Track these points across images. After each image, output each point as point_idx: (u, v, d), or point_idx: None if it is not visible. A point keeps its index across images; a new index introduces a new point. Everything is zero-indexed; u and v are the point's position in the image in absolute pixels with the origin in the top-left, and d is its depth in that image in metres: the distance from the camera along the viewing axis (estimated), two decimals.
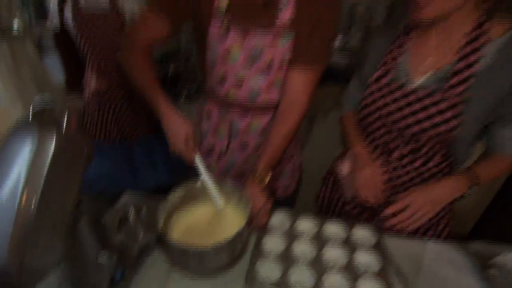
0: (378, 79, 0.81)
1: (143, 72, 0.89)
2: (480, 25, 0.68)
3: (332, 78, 1.52)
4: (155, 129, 1.77)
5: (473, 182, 0.74)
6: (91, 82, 1.55)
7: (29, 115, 0.61)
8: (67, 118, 0.59)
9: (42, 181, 0.54)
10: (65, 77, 1.64)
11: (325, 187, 1.10)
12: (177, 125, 0.85)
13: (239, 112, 0.99)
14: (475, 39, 0.68)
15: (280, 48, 0.87)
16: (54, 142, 0.55)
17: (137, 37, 0.88)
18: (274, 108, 0.99)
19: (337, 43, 3.87)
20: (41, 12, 1.60)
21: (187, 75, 2.01)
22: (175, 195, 0.78)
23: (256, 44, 0.86)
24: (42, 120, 0.59)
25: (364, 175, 0.84)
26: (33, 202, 0.51)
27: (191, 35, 1.05)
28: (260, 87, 0.94)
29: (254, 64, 0.90)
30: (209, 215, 0.80)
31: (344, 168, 0.93)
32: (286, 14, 0.84)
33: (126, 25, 1.51)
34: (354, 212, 0.98)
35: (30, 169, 0.54)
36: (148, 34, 0.88)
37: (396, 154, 0.81)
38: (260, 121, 1.01)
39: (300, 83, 0.91)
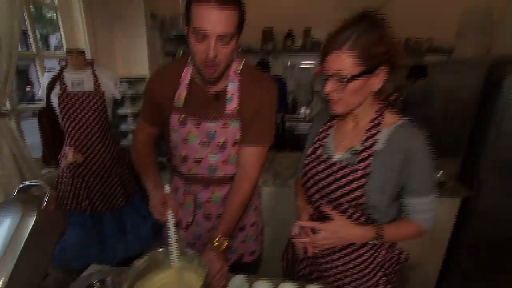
0: (312, 152, 1.00)
1: (142, 159, 1.12)
2: (378, 116, 0.88)
3: (298, 146, 1.71)
4: (126, 201, 1.84)
5: (378, 236, 0.88)
6: (68, 155, 1.65)
7: (14, 191, 0.71)
8: (47, 196, 0.69)
9: (17, 254, 0.61)
10: (43, 151, 1.74)
11: (288, 248, 1.19)
12: (157, 195, 1.00)
13: (201, 185, 1.10)
14: (376, 125, 0.87)
15: (230, 130, 1.03)
16: (34, 217, 0.65)
17: (137, 137, 1.15)
18: (231, 179, 1.10)
19: (301, 113, 4.32)
20: (28, 92, 1.77)
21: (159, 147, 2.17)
22: (139, 263, 0.82)
23: (209, 129, 1.02)
24: (26, 197, 0.69)
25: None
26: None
27: None
28: (217, 163, 1.07)
29: (209, 145, 1.04)
30: (171, 280, 0.85)
31: (295, 229, 1.05)
32: (232, 105, 1.01)
33: (104, 105, 1.70)
34: (305, 271, 1.06)
35: (8, 242, 0.62)
36: (144, 134, 1.15)
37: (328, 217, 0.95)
38: (220, 192, 1.12)
39: (250, 158, 1.05)
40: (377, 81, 0.81)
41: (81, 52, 1.68)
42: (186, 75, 1.03)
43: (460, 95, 1.98)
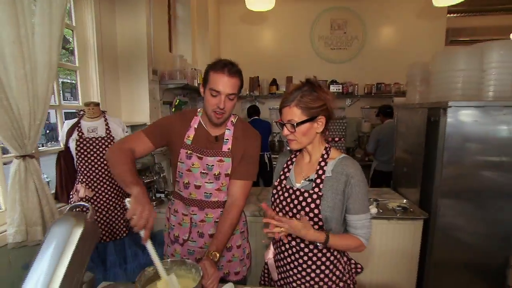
0: (279, 184, 1.21)
1: (125, 162, 1.11)
2: (326, 152, 1.14)
3: None
4: (128, 232, 2.03)
5: (326, 239, 1.05)
6: (80, 191, 1.87)
7: (66, 208, 0.97)
8: (90, 212, 0.96)
9: (70, 253, 0.86)
10: (56, 188, 1.97)
11: (264, 271, 1.35)
12: (140, 200, 0.96)
13: (198, 208, 1.35)
14: (325, 159, 1.12)
15: (224, 165, 1.30)
16: (83, 226, 0.91)
17: (128, 143, 1.22)
18: (222, 205, 1.35)
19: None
20: (51, 136, 2.04)
21: (159, 185, 2.42)
22: (149, 270, 0.99)
23: (208, 163, 1.30)
24: (75, 213, 0.95)
25: None
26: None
27: (162, 157, 1.49)
28: (212, 190, 1.33)
29: (207, 175, 1.31)
30: (166, 286, 0.97)
31: (268, 254, 1.25)
32: (227, 146, 1.31)
33: None
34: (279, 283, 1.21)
35: (65, 243, 0.87)
36: (140, 145, 1.24)
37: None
38: (213, 214, 1.35)
39: (238, 190, 1.30)
40: (319, 126, 1.09)
41: (97, 104, 1.97)
42: (196, 121, 1.34)
43: (414, 133, 2.36)
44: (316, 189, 1.10)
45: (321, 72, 4.90)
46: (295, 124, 1.07)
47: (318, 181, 1.11)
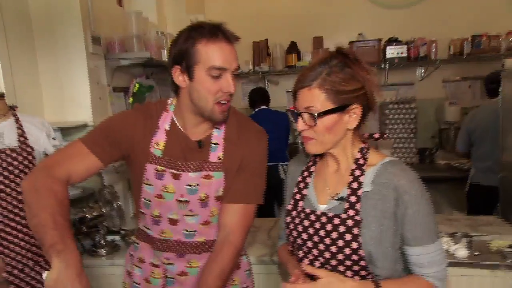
0: (293, 208, 1.26)
1: (46, 205, 1.08)
2: (362, 156, 1.19)
3: None
4: None
5: None
6: None
7: None
8: None
9: None
10: None
11: None
12: (66, 279, 0.94)
13: (175, 254, 1.33)
14: (360, 166, 1.17)
15: (213, 183, 1.30)
16: None
17: (58, 165, 1.21)
18: (213, 247, 1.34)
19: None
20: None
21: (111, 221, 2.34)
22: None
23: (190, 182, 1.29)
24: None
25: None
26: None
27: (115, 176, 1.48)
28: (195, 226, 1.32)
29: (188, 204, 1.30)
30: None
31: None
32: (216, 154, 1.32)
33: (33, 165, 1.92)
34: None
35: None
36: (80, 161, 1.25)
37: None
38: (198, 263, 1.36)
39: (234, 218, 1.31)
40: (352, 119, 1.14)
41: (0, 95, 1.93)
42: (166, 119, 1.35)
43: None
44: (351, 212, 1.14)
45: (372, 25, 4.86)
46: (316, 114, 1.11)
47: (353, 199, 1.15)
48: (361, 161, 1.19)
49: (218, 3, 5.09)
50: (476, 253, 2.07)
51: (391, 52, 4.59)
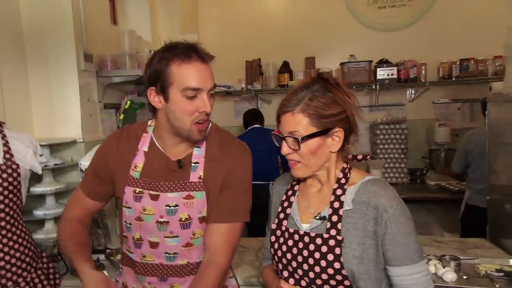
0: (277, 227, 1.28)
1: (73, 238, 1.36)
2: (344, 176, 1.22)
3: None
4: None
5: None
6: None
7: None
8: None
9: None
10: None
11: None
12: (95, 278, 1.22)
13: (158, 278, 1.33)
14: (341, 185, 1.20)
15: (195, 204, 1.31)
16: None
17: (71, 211, 1.43)
18: (197, 270, 1.32)
19: None
20: None
21: (97, 240, 2.34)
22: None
23: (170, 202, 1.29)
24: None
25: None
26: None
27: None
28: (177, 248, 1.31)
29: (168, 226, 1.29)
30: None
31: None
32: (197, 173, 1.32)
33: (18, 184, 1.88)
34: None
35: None
36: (80, 208, 1.42)
37: None
38: (181, 287, 1.32)
39: (219, 238, 1.30)
40: (335, 142, 1.17)
41: None
42: (145, 141, 1.36)
43: None
44: (333, 231, 1.16)
45: (363, 46, 4.91)
46: (299, 138, 1.14)
47: (335, 218, 1.17)
48: (342, 181, 1.22)
49: (212, 22, 5.14)
50: (464, 277, 2.06)
51: (382, 73, 4.63)
